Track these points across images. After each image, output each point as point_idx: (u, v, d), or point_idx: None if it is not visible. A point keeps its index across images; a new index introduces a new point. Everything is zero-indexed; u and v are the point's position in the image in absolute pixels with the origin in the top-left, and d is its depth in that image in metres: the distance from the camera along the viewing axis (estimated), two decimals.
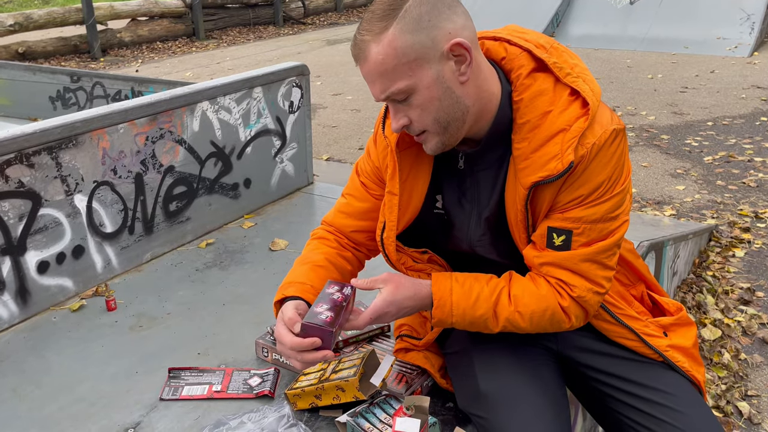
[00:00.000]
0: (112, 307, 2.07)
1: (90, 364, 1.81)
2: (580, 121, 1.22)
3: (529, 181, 1.25)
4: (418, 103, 1.21)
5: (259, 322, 1.95)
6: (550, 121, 1.23)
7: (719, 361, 2.71)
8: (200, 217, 2.57)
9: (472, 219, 1.39)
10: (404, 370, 1.59)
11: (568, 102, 1.24)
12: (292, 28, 13.34)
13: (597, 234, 1.27)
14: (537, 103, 1.24)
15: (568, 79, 1.25)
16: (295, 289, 1.43)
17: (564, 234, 1.27)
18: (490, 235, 1.39)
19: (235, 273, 2.31)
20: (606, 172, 1.24)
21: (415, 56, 1.17)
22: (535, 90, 1.25)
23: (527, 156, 1.25)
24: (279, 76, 2.81)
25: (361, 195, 1.52)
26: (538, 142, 1.24)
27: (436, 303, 1.32)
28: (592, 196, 1.25)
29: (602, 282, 1.31)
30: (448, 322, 1.34)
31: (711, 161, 4.99)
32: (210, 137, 2.55)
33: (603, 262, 1.29)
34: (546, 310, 1.30)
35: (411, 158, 1.38)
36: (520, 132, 1.26)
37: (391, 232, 1.40)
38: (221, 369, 1.73)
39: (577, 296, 1.29)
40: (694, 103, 6.54)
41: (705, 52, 8.80)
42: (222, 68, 9.20)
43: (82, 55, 10.26)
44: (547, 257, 1.29)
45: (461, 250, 1.45)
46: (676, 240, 2.93)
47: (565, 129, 1.22)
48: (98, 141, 2.13)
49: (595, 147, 1.22)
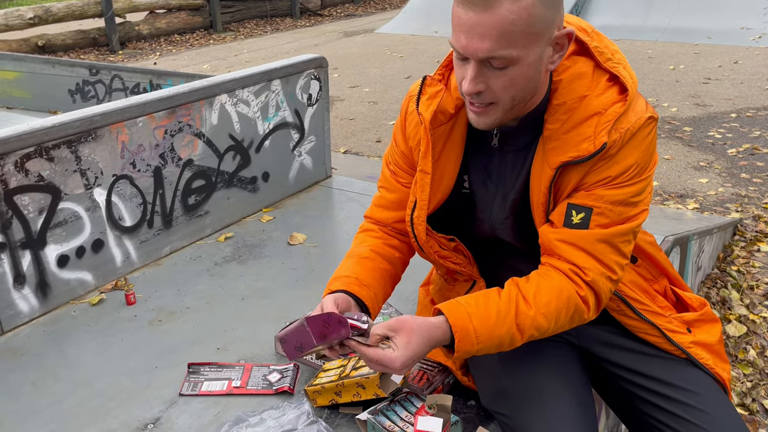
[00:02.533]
0: (132, 301, 2.07)
1: (109, 358, 1.81)
2: (616, 106, 1.20)
3: (558, 160, 1.22)
4: (511, 75, 1.14)
5: (278, 317, 1.94)
6: (585, 104, 1.22)
7: (744, 358, 2.66)
8: (219, 210, 2.56)
9: (497, 200, 1.37)
10: (425, 367, 1.57)
11: (606, 87, 1.22)
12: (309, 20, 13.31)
13: (616, 216, 1.24)
14: (575, 85, 1.23)
15: (608, 64, 1.23)
16: (340, 284, 1.39)
17: (584, 211, 1.24)
18: (513, 219, 1.37)
19: (253, 267, 2.30)
20: (635, 156, 1.22)
21: (538, 30, 1.11)
22: (574, 72, 1.23)
23: (558, 137, 1.23)
24: (297, 69, 2.79)
25: (390, 185, 1.50)
26: (572, 123, 1.22)
27: (459, 336, 1.20)
28: (619, 178, 1.22)
29: (615, 268, 1.26)
30: (473, 351, 1.23)
31: (735, 154, 4.90)
32: (228, 130, 2.54)
33: (618, 246, 1.25)
34: (568, 302, 1.24)
35: (444, 137, 1.36)
36: (554, 113, 1.24)
37: (422, 212, 1.36)
38: (240, 364, 1.72)
39: (590, 280, 1.24)
40: (717, 94, 6.43)
41: (728, 42, 8.64)
42: (239, 60, 9.21)
43: (100, 48, 10.32)
44: (564, 234, 1.25)
45: (483, 235, 1.42)
46: (701, 234, 2.88)
47: (600, 112, 1.20)
48: (117, 134, 2.13)
49: (629, 132, 1.20)
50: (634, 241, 1.30)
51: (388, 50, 9.54)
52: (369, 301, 1.38)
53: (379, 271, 1.44)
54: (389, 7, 15.00)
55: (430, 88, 1.35)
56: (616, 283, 1.29)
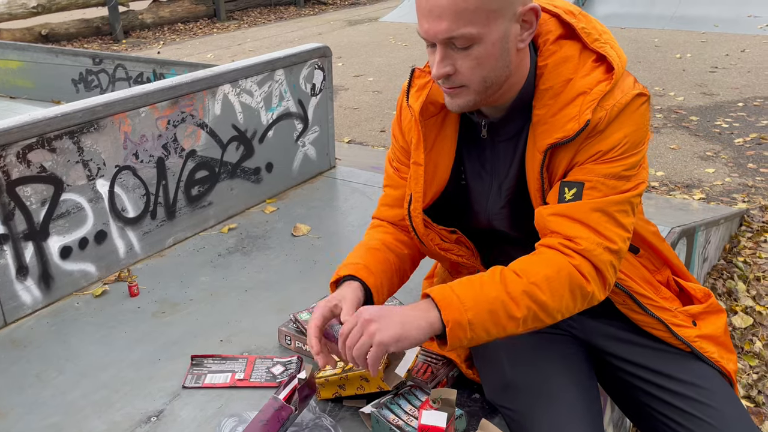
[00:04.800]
0: (135, 293, 2.06)
1: (113, 350, 1.80)
2: (601, 85, 1.18)
3: (546, 143, 1.21)
4: (476, 55, 1.14)
5: (282, 309, 1.93)
6: (571, 86, 1.20)
7: (750, 350, 2.65)
8: (222, 201, 2.55)
9: (492, 191, 1.36)
10: (429, 360, 1.56)
11: (592, 67, 1.21)
12: (313, 9, 13.25)
13: (609, 190, 1.20)
14: (561, 69, 1.21)
15: (595, 44, 1.22)
16: (348, 270, 1.37)
17: (575, 187, 1.20)
18: (509, 209, 1.35)
19: (257, 258, 2.29)
20: (624, 131, 1.19)
21: (496, 6, 1.11)
22: (560, 56, 1.22)
23: (546, 120, 1.21)
24: (301, 58, 2.77)
25: (395, 182, 1.48)
26: (558, 106, 1.20)
27: (442, 303, 1.16)
28: (609, 153, 1.19)
29: (615, 238, 1.19)
30: (464, 320, 1.15)
31: (742, 143, 4.86)
32: (232, 121, 2.52)
33: (615, 216, 1.20)
34: (560, 272, 1.17)
35: (435, 128, 1.34)
36: (541, 98, 1.22)
37: (418, 204, 1.35)
38: (244, 357, 1.71)
39: (582, 249, 1.18)
40: (724, 83, 6.38)
41: (736, 30, 8.56)
42: (243, 50, 9.17)
43: (104, 37, 10.29)
44: (556, 208, 1.22)
45: (480, 226, 1.41)
46: (707, 225, 2.85)
47: (586, 92, 1.19)
48: (120, 125, 2.11)
49: (615, 108, 1.18)
50: (633, 215, 1.24)
51: (393, 39, 9.48)
52: (374, 290, 1.36)
53: (388, 263, 1.41)
54: None
55: (419, 80, 1.35)
56: (618, 255, 1.21)
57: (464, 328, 1.15)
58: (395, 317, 1.16)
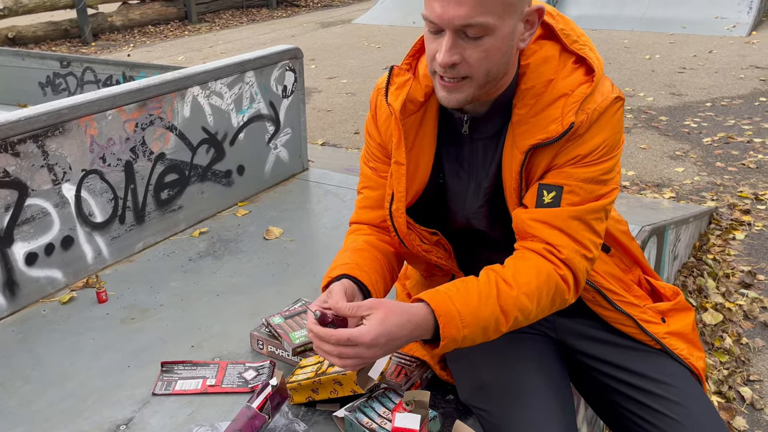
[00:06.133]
0: (103, 299, 2.02)
1: (80, 358, 1.76)
2: (583, 87, 1.20)
3: (527, 144, 1.21)
4: (487, 47, 1.13)
5: (254, 313, 1.91)
6: (552, 87, 1.21)
7: (721, 346, 2.68)
8: (193, 205, 2.52)
9: (470, 190, 1.35)
10: (403, 362, 1.55)
11: (572, 69, 1.22)
12: (285, 11, 13.19)
13: (587, 194, 1.22)
14: (542, 69, 1.22)
15: (575, 46, 1.23)
16: (340, 270, 1.32)
17: (554, 190, 1.22)
18: (487, 207, 1.35)
19: (229, 262, 2.26)
20: (603, 135, 1.21)
21: (511, 1, 1.11)
22: (541, 56, 1.23)
23: (527, 120, 1.22)
24: (271, 60, 2.75)
25: (374, 183, 1.45)
26: (540, 107, 1.21)
27: (444, 320, 1.14)
28: (588, 157, 1.21)
29: (590, 246, 1.23)
30: (459, 337, 1.16)
31: (710, 142, 4.94)
32: (201, 123, 2.49)
33: (591, 224, 1.23)
34: (549, 281, 1.20)
35: (415, 127, 1.33)
36: (523, 98, 1.23)
37: (401, 204, 1.33)
38: (215, 362, 1.69)
39: (565, 258, 1.21)
40: (692, 83, 6.48)
41: (703, 32, 8.72)
42: (215, 52, 9.10)
43: (72, 40, 10.13)
44: (536, 213, 1.23)
45: (458, 226, 1.40)
46: (677, 224, 2.89)
47: (567, 94, 1.20)
48: (86, 128, 2.07)
49: (596, 112, 1.20)
50: (606, 220, 1.27)
51: (366, 41, 9.48)
52: (370, 286, 1.31)
53: (377, 261, 1.38)
54: None
55: (398, 78, 1.33)
56: (592, 262, 1.26)
57: (456, 342, 1.17)
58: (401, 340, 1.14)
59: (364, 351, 1.11)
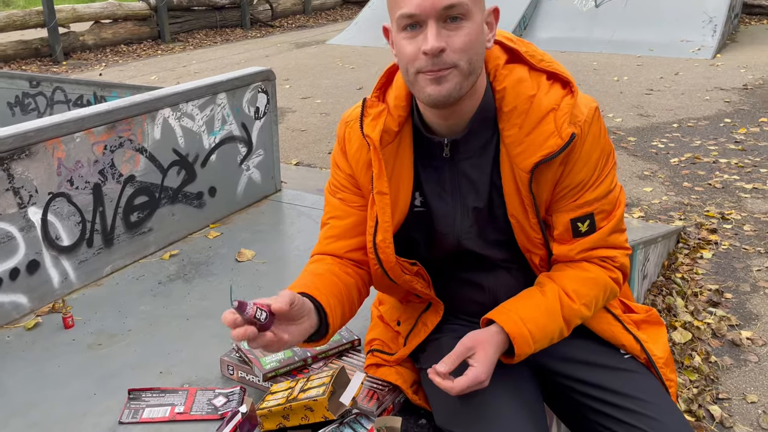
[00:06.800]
0: (70, 324, 1.98)
1: (45, 385, 1.72)
2: (567, 99, 1.26)
3: (531, 162, 1.26)
4: (467, 32, 1.17)
5: (225, 338, 1.88)
6: (537, 104, 1.26)
7: (690, 365, 2.72)
8: (163, 227, 2.49)
9: (457, 211, 1.37)
10: (375, 386, 1.54)
11: (549, 85, 1.28)
12: (259, 31, 13.21)
13: (609, 205, 1.33)
14: (520, 89, 1.27)
15: (542, 64, 1.29)
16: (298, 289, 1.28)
17: (587, 219, 1.32)
18: (478, 227, 1.37)
19: (199, 285, 2.24)
20: (599, 148, 1.29)
21: None
22: (515, 78, 1.28)
23: (521, 140, 1.26)
24: (244, 82, 2.74)
25: (343, 212, 1.44)
26: (531, 124, 1.26)
27: (518, 342, 1.28)
28: (594, 175, 1.30)
29: (626, 244, 1.38)
30: (530, 351, 1.31)
31: (677, 163, 5.04)
32: (172, 145, 2.47)
33: (621, 228, 1.36)
34: (605, 288, 1.34)
35: (393, 156, 1.34)
36: (509, 119, 1.27)
37: (387, 234, 1.34)
38: (184, 389, 1.66)
39: (619, 265, 1.36)
40: (659, 105, 6.62)
41: (669, 54, 8.92)
42: (188, 71, 9.06)
43: (43, 59, 10.02)
44: (583, 245, 1.33)
45: (448, 249, 1.41)
46: (645, 243, 2.93)
47: (555, 108, 1.25)
48: (53, 151, 2.04)
49: (586, 124, 1.26)
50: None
51: (340, 61, 9.53)
52: (328, 309, 1.28)
53: (337, 287, 1.36)
54: (340, 18, 15.01)
55: (373, 109, 1.35)
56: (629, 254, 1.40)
57: (527, 355, 1.32)
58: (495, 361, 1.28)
59: (482, 386, 1.26)
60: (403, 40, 1.20)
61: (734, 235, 3.85)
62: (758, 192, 4.45)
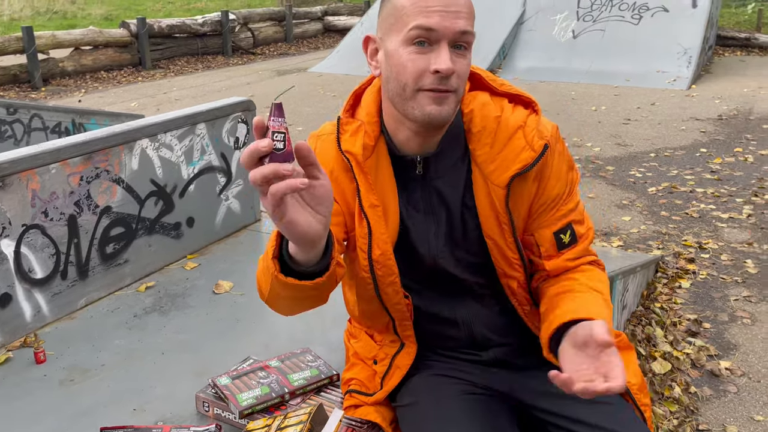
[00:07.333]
0: (41, 360, 1.94)
1: (14, 424, 1.67)
2: (532, 116, 1.32)
3: (507, 177, 1.29)
4: (467, 61, 1.24)
5: (201, 373, 1.85)
6: (504, 123, 1.31)
7: (670, 395, 2.71)
8: (140, 259, 2.45)
9: (431, 229, 1.37)
10: (353, 424, 1.51)
11: (512, 107, 1.34)
12: (241, 59, 13.26)
13: (581, 215, 1.40)
14: (486, 111, 1.32)
15: (503, 88, 1.35)
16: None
17: (567, 229, 1.36)
18: (450, 245, 1.37)
19: (176, 318, 2.20)
20: (565, 162, 1.36)
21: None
22: (480, 102, 1.33)
23: (494, 158, 1.30)
24: (223, 112, 2.74)
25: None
26: (501, 142, 1.30)
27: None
28: (566, 188, 1.36)
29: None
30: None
31: (655, 192, 5.10)
32: (150, 175, 2.45)
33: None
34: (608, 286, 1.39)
35: (373, 169, 1.34)
36: (479, 139, 1.31)
37: (387, 246, 1.33)
38: (158, 426, 1.62)
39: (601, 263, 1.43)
40: (636, 134, 6.72)
41: (646, 84, 9.09)
42: (169, 98, 9.04)
43: (22, 85, 9.95)
44: (568, 254, 1.37)
45: (425, 268, 1.39)
46: (624, 274, 2.95)
47: (522, 125, 1.30)
48: (27, 182, 2.01)
49: (553, 138, 1.32)
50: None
51: (322, 89, 9.58)
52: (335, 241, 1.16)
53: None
54: (322, 46, 15.13)
55: (349, 126, 1.36)
56: None
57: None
58: None
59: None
60: (409, 54, 1.20)
61: (712, 265, 3.89)
62: (734, 221, 4.51)
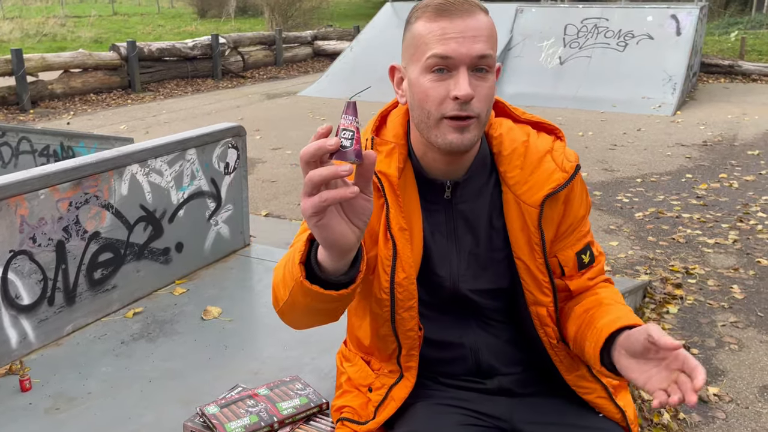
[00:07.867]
0: (27, 387, 1.91)
1: None
2: (558, 142, 1.37)
3: (540, 196, 1.31)
4: (489, 84, 1.24)
5: (189, 401, 1.83)
6: (533, 146, 1.35)
7: (659, 422, 2.71)
8: (128, 284, 2.44)
9: (453, 253, 1.37)
10: None
11: (537, 132, 1.38)
12: (231, 82, 13.31)
13: (591, 235, 1.44)
14: (513, 135, 1.36)
15: (525, 116, 1.40)
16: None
17: (587, 249, 1.41)
18: (474, 269, 1.37)
19: (163, 345, 2.19)
20: (584, 190, 1.42)
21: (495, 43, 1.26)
22: (506, 127, 1.38)
23: (526, 179, 1.33)
24: (214, 137, 2.75)
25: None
26: (531, 165, 1.33)
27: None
28: (587, 211, 1.42)
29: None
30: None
31: (642, 217, 5.14)
32: (140, 201, 2.44)
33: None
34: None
35: (402, 191, 1.34)
36: (510, 161, 1.34)
37: (412, 270, 1.32)
38: None
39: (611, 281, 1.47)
40: (623, 160, 6.79)
41: (632, 110, 9.21)
42: (158, 121, 9.05)
43: (10, 107, 9.92)
44: (592, 273, 1.41)
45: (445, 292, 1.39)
46: None
47: (550, 150, 1.35)
48: (16, 208, 2.00)
49: (578, 166, 1.36)
50: None
51: (311, 113, 9.62)
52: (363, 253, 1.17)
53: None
54: (311, 70, 15.22)
55: (384, 147, 1.35)
56: None
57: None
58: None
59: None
60: (430, 82, 1.22)
61: (699, 290, 3.91)
62: (720, 247, 4.55)
